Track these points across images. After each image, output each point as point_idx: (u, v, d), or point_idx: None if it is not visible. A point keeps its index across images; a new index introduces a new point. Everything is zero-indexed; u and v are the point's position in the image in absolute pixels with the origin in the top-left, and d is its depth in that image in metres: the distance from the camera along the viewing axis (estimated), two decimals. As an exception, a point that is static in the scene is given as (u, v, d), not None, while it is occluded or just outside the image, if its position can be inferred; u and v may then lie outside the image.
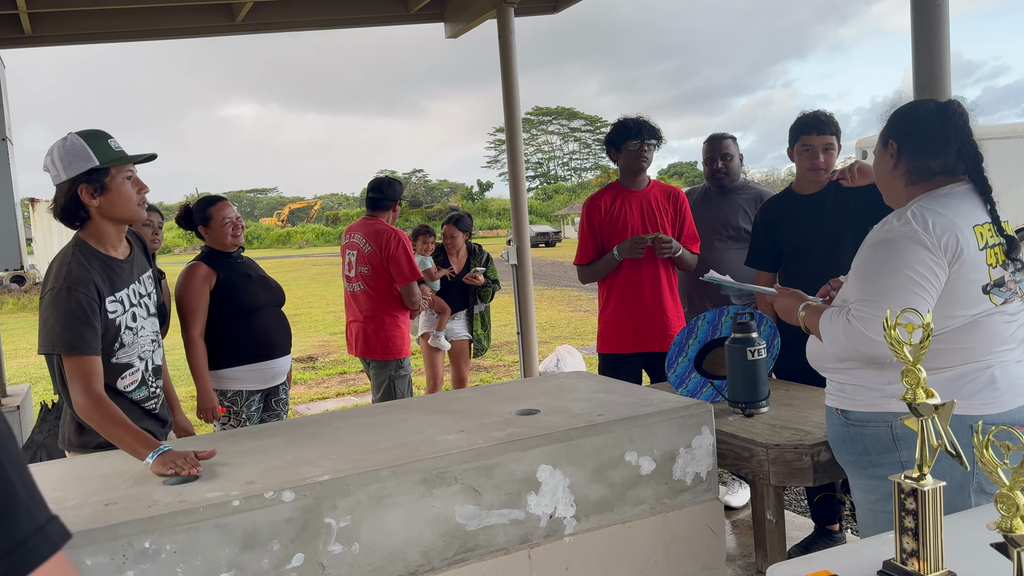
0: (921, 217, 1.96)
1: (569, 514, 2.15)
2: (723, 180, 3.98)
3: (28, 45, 5.39)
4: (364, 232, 4.41)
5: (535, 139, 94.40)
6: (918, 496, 1.39)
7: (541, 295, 15.80)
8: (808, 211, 3.20)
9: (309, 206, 79.47)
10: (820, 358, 2.17)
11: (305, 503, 1.85)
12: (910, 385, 1.41)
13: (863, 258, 2.03)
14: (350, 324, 4.54)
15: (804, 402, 2.74)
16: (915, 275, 1.91)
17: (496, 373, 8.57)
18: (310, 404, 7.62)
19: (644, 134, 3.70)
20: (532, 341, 5.62)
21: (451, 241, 5.52)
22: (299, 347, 11.00)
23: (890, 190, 2.16)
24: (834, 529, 3.34)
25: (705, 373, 2.91)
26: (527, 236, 5.59)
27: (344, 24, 6.25)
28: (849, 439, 2.10)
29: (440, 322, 5.36)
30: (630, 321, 3.72)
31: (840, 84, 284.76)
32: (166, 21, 5.55)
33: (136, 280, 2.38)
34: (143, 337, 2.38)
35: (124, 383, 2.35)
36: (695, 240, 3.83)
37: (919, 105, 2.13)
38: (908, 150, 2.07)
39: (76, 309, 2.15)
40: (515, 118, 5.54)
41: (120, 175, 2.24)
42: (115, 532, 1.69)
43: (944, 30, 2.88)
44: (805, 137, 3.17)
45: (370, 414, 2.52)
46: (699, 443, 2.34)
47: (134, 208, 2.27)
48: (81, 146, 2.19)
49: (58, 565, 0.70)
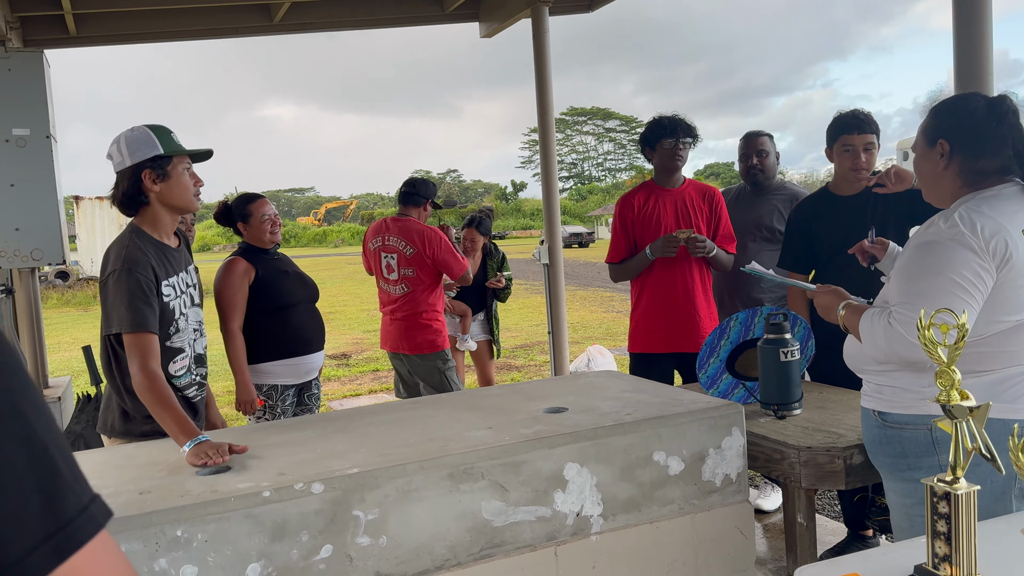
0: (969, 220, 1.89)
1: (596, 513, 2.15)
2: (758, 177, 3.94)
3: (73, 45, 5.52)
4: (400, 234, 4.36)
5: (569, 139, 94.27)
6: (951, 500, 1.36)
7: (574, 295, 15.78)
8: (845, 213, 3.15)
9: (345, 205, 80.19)
10: (858, 359, 2.14)
11: (334, 495, 1.86)
12: (944, 387, 1.38)
13: (907, 260, 1.98)
14: (391, 322, 4.48)
15: (838, 405, 2.70)
16: (960, 279, 1.86)
17: (527, 373, 8.57)
18: (343, 400, 7.69)
19: (679, 132, 3.68)
20: (563, 341, 5.61)
21: (471, 244, 5.45)
22: (333, 344, 11.11)
23: (936, 191, 2.07)
24: (867, 534, 3.28)
25: (737, 374, 2.88)
26: (559, 236, 5.58)
27: (380, 24, 6.29)
28: (886, 441, 2.06)
29: (464, 324, 5.36)
30: (661, 321, 3.70)
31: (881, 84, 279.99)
32: (205, 21, 5.64)
33: (184, 270, 2.49)
34: (190, 324, 2.47)
35: (175, 367, 2.44)
36: (731, 240, 3.79)
37: (968, 100, 2.03)
38: (962, 151, 1.98)
39: (136, 288, 2.26)
40: (548, 118, 5.53)
41: (180, 165, 2.37)
42: (148, 520, 1.72)
43: (987, 27, 2.82)
44: (845, 137, 3.12)
45: (400, 409, 2.53)
46: (729, 444, 2.31)
47: (190, 198, 2.40)
48: (148, 135, 2.34)
49: (102, 542, 0.72)
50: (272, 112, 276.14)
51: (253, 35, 5.99)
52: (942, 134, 2.02)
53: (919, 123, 2.12)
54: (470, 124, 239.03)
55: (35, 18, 5.20)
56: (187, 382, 2.48)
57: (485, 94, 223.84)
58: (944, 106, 2.06)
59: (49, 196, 3.75)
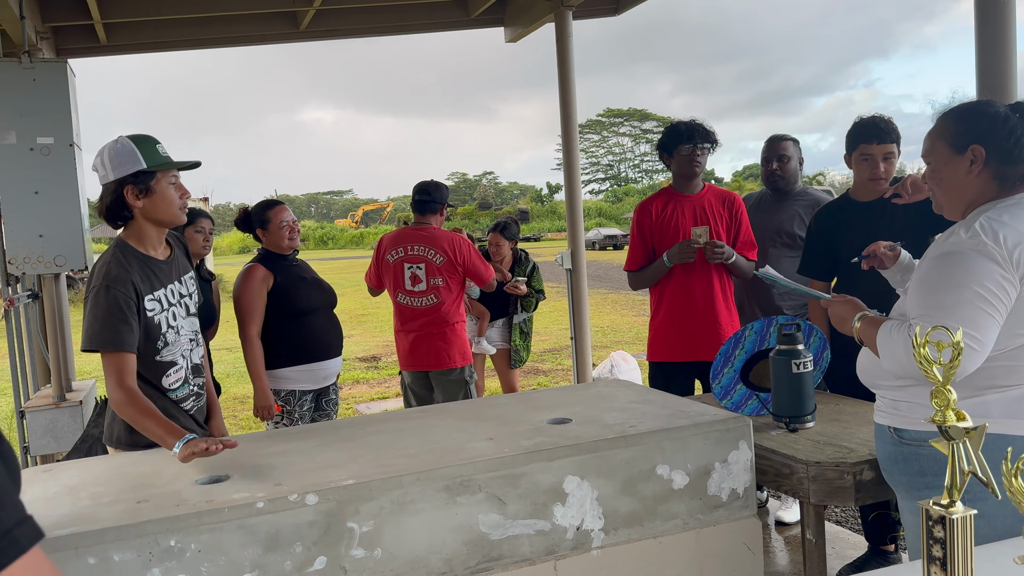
0: (991, 229, 1.82)
1: (597, 527, 2.12)
2: (779, 182, 3.87)
3: (104, 54, 5.64)
4: (427, 242, 4.13)
5: (606, 141, 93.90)
6: (946, 524, 1.31)
7: (605, 299, 15.70)
8: (866, 219, 3.08)
9: (382, 208, 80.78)
10: (872, 374, 2.07)
11: (328, 507, 1.86)
12: (939, 407, 1.34)
13: (926, 271, 1.91)
14: (418, 338, 4.18)
15: (853, 418, 2.64)
16: (983, 291, 1.79)
17: (554, 377, 8.54)
18: (369, 404, 7.73)
19: (696, 137, 3.62)
20: (586, 347, 5.57)
21: (496, 249, 5.30)
22: (363, 347, 11.18)
23: (957, 199, 1.98)
24: (889, 550, 3.20)
25: (751, 385, 2.83)
26: (582, 240, 5.55)
27: (406, 30, 6.32)
28: (903, 459, 1.99)
29: (480, 327, 5.26)
30: (681, 329, 3.65)
31: (925, 84, 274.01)
32: (233, 29, 5.72)
33: (176, 280, 2.46)
34: (183, 336, 2.45)
35: (168, 381, 2.42)
36: (752, 247, 3.72)
37: (991, 105, 1.95)
38: (998, 156, 1.90)
39: (113, 307, 2.24)
40: (571, 121, 5.51)
41: (165, 179, 2.33)
42: (142, 529, 1.74)
43: (1010, 30, 2.73)
44: (864, 146, 3.05)
45: (406, 418, 2.53)
46: (736, 458, 2.27)
47: (175, 212, 2.36)
48: (130, 149, 2.29)
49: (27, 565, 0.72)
50: (311, 116, 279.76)
51: (280, 42, 6.06)
52: (975, 139, 1.92)
53: (929, 123, 2.04)
54: (506, 126, 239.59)
55: (66, 28, 5.32)
56: (184, 394, 2.47)
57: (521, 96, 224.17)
58: (967, 112, 1.96)
59: (72, 203, 3.82)
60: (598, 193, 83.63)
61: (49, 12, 4.90)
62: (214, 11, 5.28)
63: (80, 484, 2.04)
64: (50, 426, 3.82)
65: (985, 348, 1.80)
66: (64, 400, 3.96)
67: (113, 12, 4.96)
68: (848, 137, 3.13)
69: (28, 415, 3.85)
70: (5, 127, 3.72)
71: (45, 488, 2.03)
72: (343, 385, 8.81)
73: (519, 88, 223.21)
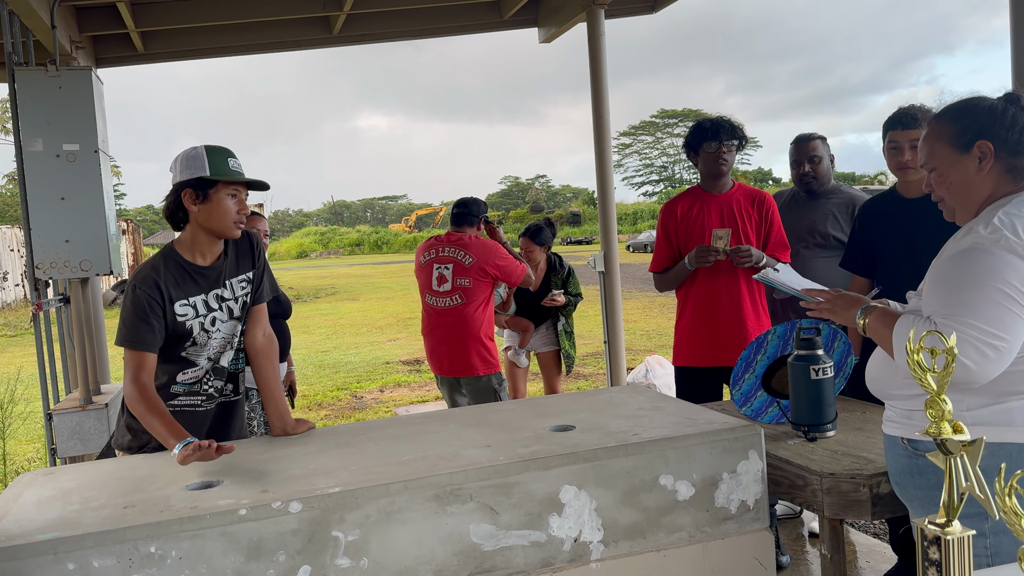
0: (1011, 224, 1.72)
1: (596, 539, 2.04)
2: (811, 184, 3.73)
3: (141, 62, 5.75)
4: (458, 244, 4.15)
5: (660, 142, 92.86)
6: (941, 545, 1.20)
7: (653, 301, 15.49)
8: (908, 216, 2.93)
9: (435, 212, 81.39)
10: (884, 383, 1.95)
11: (312, 515, 1.82)
12: (934, 418, 1.23)
13: (945, 270, 1.79)
14: (440, 340, 4.18)
15: (878, 426, 2.50)
16: (1008, 288, 1.67)
17: (594, 381, 8.44)
18: (409, 407, 7.73)
19: (722, 134, 3.50)
20: (620, 351, 5.46)
21: (528, 255, 4.94)
22: (407, 349, 11.23)
23: (968, 199, 1.87)
24: (923, 565, 3.04)
25: (774, 392, 2.71)
26: (615, 242, 5.45)
27: (439, 33, 6.31)
28: (918, 472, 1.87)
29: (523, 339, 5.06)
30: (706, 333, 3.53)
31: (992, 79, 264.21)
32: (267, 35, 5.78)
33: (222, 285, 2.45)
34: (215, 339, 2.45)
35: (184, 377, 2.46)
36: (784, 248, 3.58)
37: (984, 100, 1.85)
38: (1006, 149, 1.81)
39: (137, 306, 2.30)
40: (604, 120, 5.41)
41: (225, 191, 2.35)
42: (123, 535, 1.72)
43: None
44: (892, 133, 2.92)
45: (407, 424, 2.48)
46: (746, 468, 2.16)
47: (228, 224, 2.37)
48: (201, 156, 2.33)
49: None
50: (367, 122, 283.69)
51: (314, 47, 6.10)
52: (980, 135, 1.82)
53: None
54: (557, 129, 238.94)
55: (104, 38, 5.43)
56: (187, 390, 2.47)
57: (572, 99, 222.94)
58: (962, 109, 1.86)
59: (97, 209, 3.89)
60: (652, 195, 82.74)
61: (86, 22, 5.01)
62: (246, 17, 5.33)
63: (75, 488, 2.04)
64: (76, 428, 3.89)
65: (1013, 349, 1.68)
66: (91, 403, 4.03)
67: (147, 21, 5.05)
68: (882, 127, 2.99)
69: (55, 418, 3.92)
70: (32, 134, 3.81)
71: (41, 491, 2.04)
72: (384, 388, 8.84)
73: (569, 91, 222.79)
